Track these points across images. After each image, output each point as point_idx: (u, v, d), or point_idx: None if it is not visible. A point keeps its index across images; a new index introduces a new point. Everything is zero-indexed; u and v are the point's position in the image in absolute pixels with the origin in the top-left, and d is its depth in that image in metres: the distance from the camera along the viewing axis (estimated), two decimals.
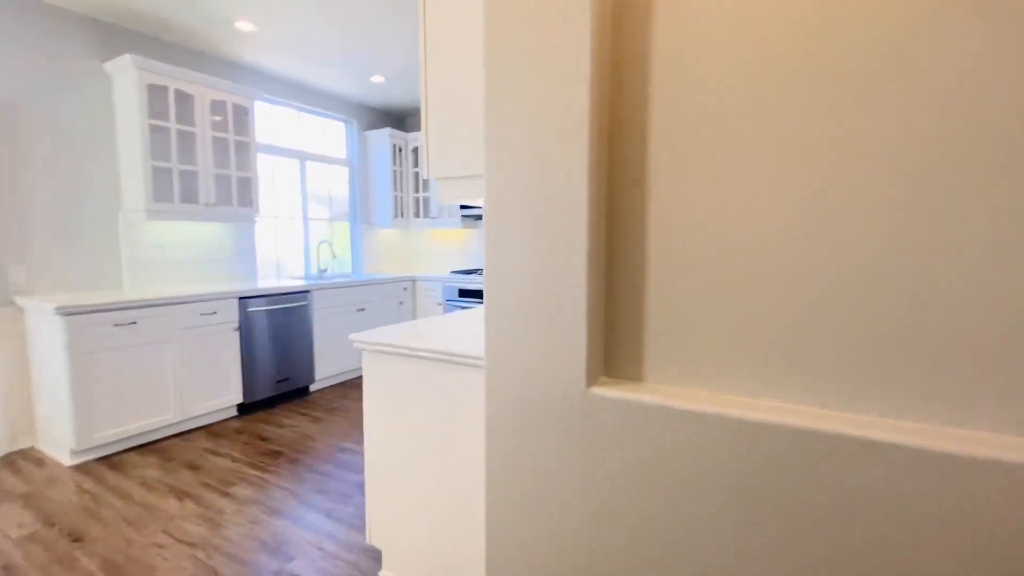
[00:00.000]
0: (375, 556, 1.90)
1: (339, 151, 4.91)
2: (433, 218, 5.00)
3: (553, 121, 0.91)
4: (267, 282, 3.83)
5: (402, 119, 5.42)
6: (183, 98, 3.21)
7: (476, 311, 2.17)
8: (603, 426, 0.93)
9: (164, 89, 3.11)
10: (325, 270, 4.56)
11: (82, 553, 1.91)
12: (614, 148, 0.96)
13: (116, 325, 2.70)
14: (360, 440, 2.99)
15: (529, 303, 0.98)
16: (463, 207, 4.76)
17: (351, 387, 4.07)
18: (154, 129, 3.08)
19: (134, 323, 2.77)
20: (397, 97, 4.69)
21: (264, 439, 3.00)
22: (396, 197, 5.00)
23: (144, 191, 3.02)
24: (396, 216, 5.00)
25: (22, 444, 2.82)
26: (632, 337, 0.97)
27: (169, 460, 2.70)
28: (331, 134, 4.82)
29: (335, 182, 4.88)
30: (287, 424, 3.24)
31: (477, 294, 4.45)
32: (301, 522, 2.13)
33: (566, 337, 0.94)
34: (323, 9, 2.92)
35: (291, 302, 3.65)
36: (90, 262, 3.07)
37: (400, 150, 5.02)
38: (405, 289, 4.76)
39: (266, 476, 2.54)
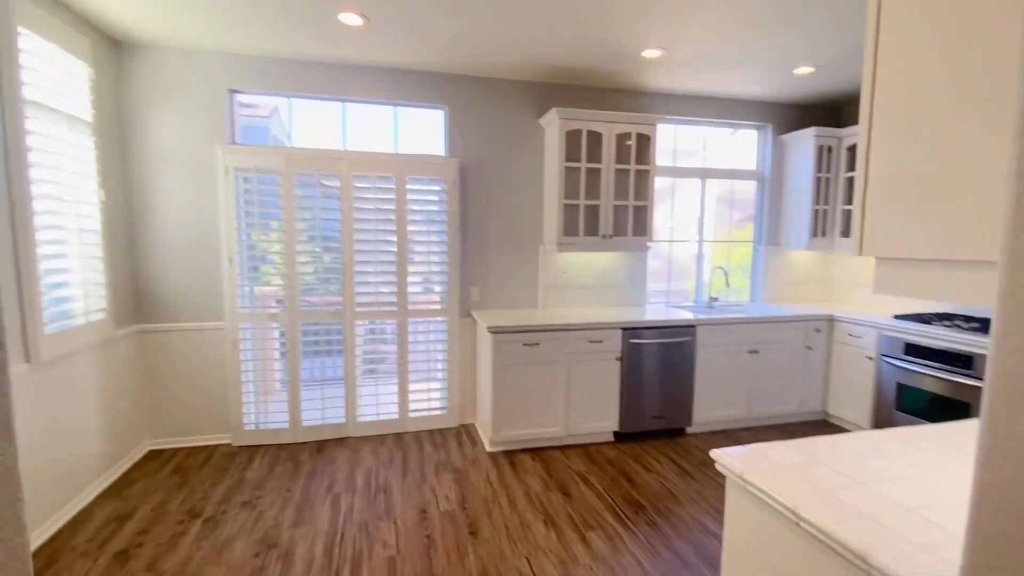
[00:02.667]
0: None
1: (747, 162, 4.30)
2: None
3: None
4: (654, 311, 3.72)
5: (836, 111, 4.25)
6: (593, 137, 3.43)
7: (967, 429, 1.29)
8: None
9: (578, 132, 3.40)
10: (716, 299, 4.10)
11: (471, 549, 2.26)
12: None
13: (525, 344, 3.16)
14: None
15: None
16: None
17: (731, 440, 3.50)
18: (568, 170, 3.42)
19: (537, 344, 3.17)
20: (830, 86, 3.66)
21: (630, 480, 2.90)
22: (817, 211, 3.97)
23: (556, 226, 3.41)
24: (815, 235, 3.98)
25: (468, 420, 3.74)
26: None
27: (550, 474, 2.96)
28: (740, 144, 4.26)
29: (740, 198, 4.31)
30: (655, 469, 3.04)
31: (943, 357, 2.99)
32: None
33: None
34: (737, 11, 2.46)
35: (674, 336, 3.41)
36: (519, 286, 3.74)
37: (829, 151, 3.94)
38: (818, 330, 3.73)
39: (623, 533, 2.39)
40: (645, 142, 3.54)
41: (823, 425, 3.80)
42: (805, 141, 3.95)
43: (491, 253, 3.67)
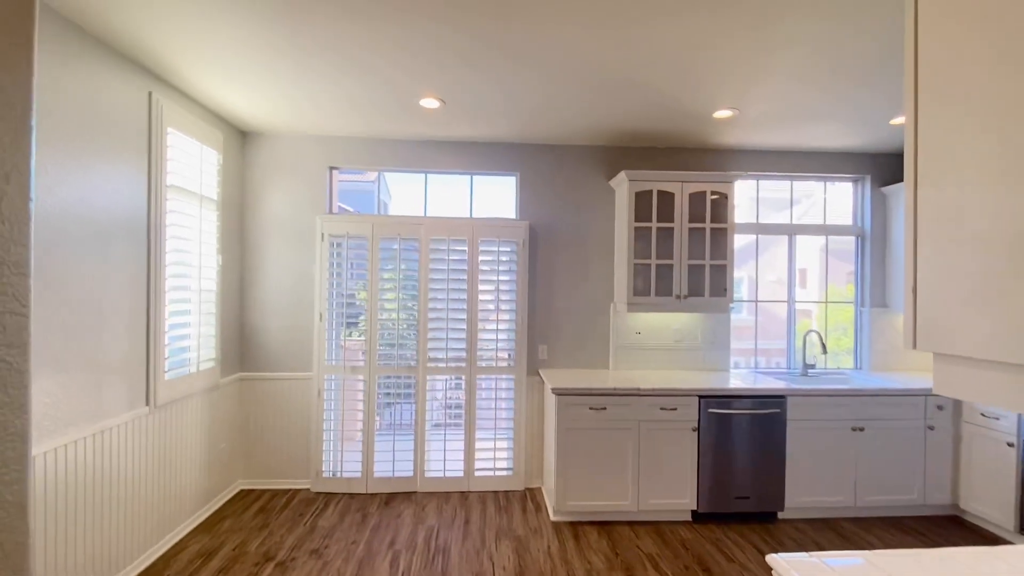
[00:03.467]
0: None
1: (843, 215, 3.96)
2: None
3: None
4: (737, 377, 3.45)
5: None
6: (664, 197, 3.39)
7: None
8: None
9: (648, 193, 3.39)
10: (812, 365, 3.70)
11: None
12: None
13: (591, 408, 3.06)
14: None
15: None
16: None
17: (832, 531, 3.03)
18: (637, 230, 3.39)
19: (604, 408, 3.06)
20: None
21: (707, 570, 2.60)
22: None
23: (626, 286, 3.35)
24: None
25: (534, 483, 3.63)
26: None
27: (616, 552, 2.76)
28: (833, 197, 3.97)
29: (836, 254, 3.96)
30: (737, 559, 2.71)
31: None
32: None
33: None
34: (813, 69, 2.38)
35: (760, 407, 3.11)
36: (589, 345, 3.68)
37: None
38: (940, 407, 3.20)
39: None
40: (721, 200, 3.43)
41: (954, 523, 3.17)
42: None
43: (559, 312, 3.67)
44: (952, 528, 3.11)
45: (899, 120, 3.07)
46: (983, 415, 3.05)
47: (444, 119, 3.17)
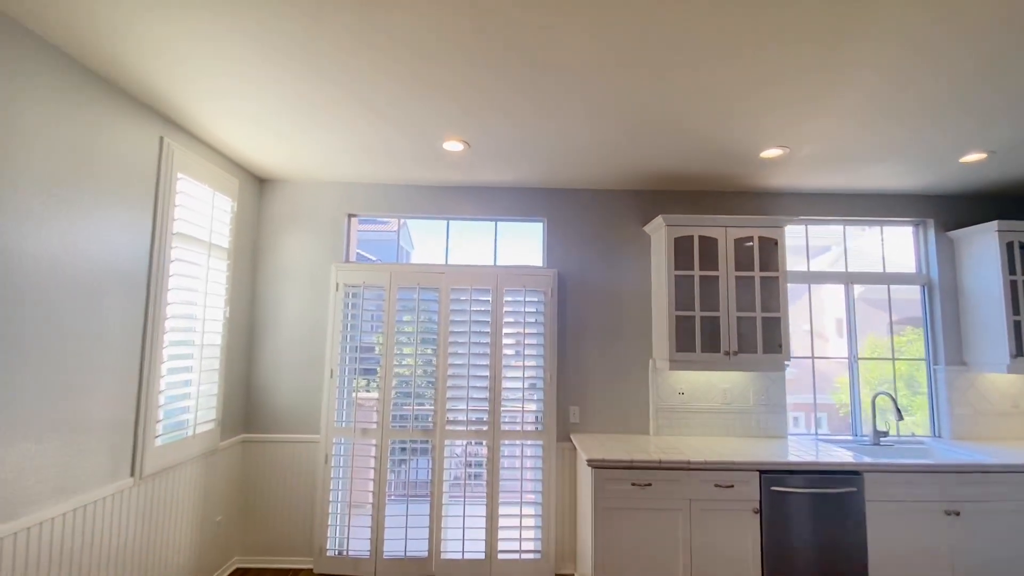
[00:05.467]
0: None
1: (903, 263, 3.59)
2: None
3: None
4: (800, 447, 3.00)
5: (1020, 200, 3.47)
6: (707, 243, 3.10)
7: None
8: None
9: (689, 239, 3.10)
10: (885, 433, 3.23)
11: None
12: None
13: (633, 484, 2.64)
14: None
15: None
16: None
17: None
18: (679, 280, 3.08)
19: (649, 485, 2.64)
20: (1011, 171, 3.00)
21: None
22: (1019, 323, 3.09)
23: (668, 341, 3.01)
24: (1019, 355, 3.06)
25: (566, 569, 3.15)
26: None
27: None
28: (894, 242, 3.61)
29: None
30: None
31: None
32: None
33: None
34: (873, 101, 2.12)
35: (831, 485, 2.65)
36: (625, 407, 3.30)
37: (1021, 248, 3.14)
38: None
39: None
40: (770, 246, 3.11)
41: None
42: (986, 237, 3.20)
43: (592, 370, 3.32)
44: None
45: (972, 157, 2.76)
46: None
47: (468, 163, 2.99)
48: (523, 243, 3.62)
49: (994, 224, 3.14)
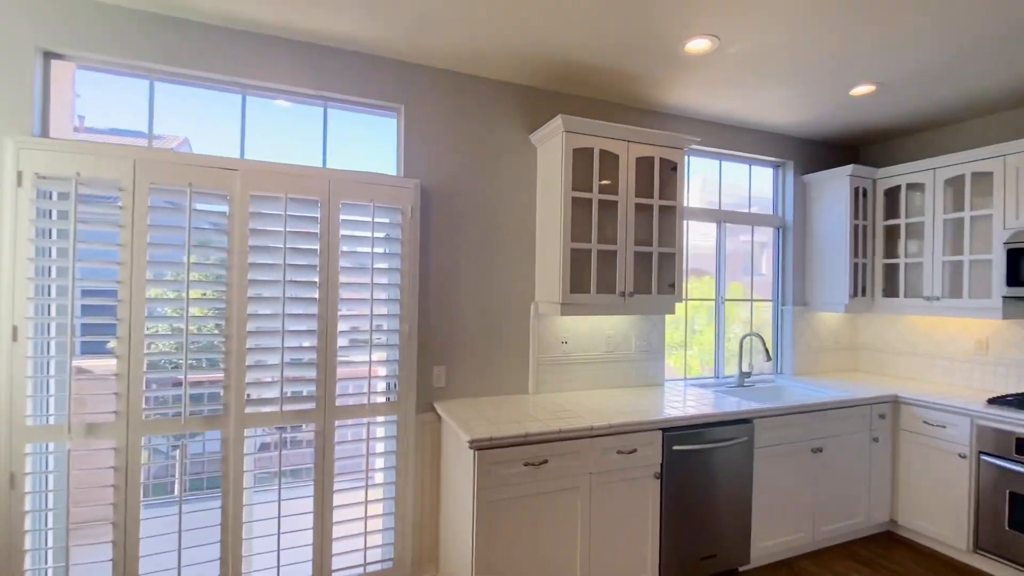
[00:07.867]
0: None
1: (762, 205, 3.59)
2: (930, 299, 3.02)
3: None
4: (689, 399, 2.73)
5: (883, 145, 3.64)
6: (608, 160, 2.51)
7: None
8: None
9: (588, 152, 2.47)
10: (749, 374, 3.21)
11: None
12: None
13: (527, 464, 2.01)
14: None
15: None
16: (1014, 282, 2.63)
17: (799, 569, 2.50)
18: (576, 203, 2.45)
19: (546, 462, 2.03)
20: (885, 114, 3.04)
21: None
22: (856, 265, 3.28)
23: (559, 280, 2.38)
24: (856, 295, 3.26)
25: (428, 571, 2.45)
26: None
27: None
28: (754, 183, 3.56)
29: (757, 247, 3.56)
30: None
31: None
32: None
33: None
34: (807, 6, 1.67)
35: (726, 438, 2.41)
36: (500, 360, 2.62)
37: (864, 194, 3.31)
38: (882, 416, 2.91)
39: None
40: (668, 171, 2.68)
41: (888, 539, 2.91)
42: (838, 182, 3.29)
43: (462, 318, 2.55)
44: (888, 544, 2.80)
45: (861, 89, 2.66)
46: (925, 422, 2.81)
47: None
48: (366, 149, 2.57)
49: (848, 168, 3.22)
